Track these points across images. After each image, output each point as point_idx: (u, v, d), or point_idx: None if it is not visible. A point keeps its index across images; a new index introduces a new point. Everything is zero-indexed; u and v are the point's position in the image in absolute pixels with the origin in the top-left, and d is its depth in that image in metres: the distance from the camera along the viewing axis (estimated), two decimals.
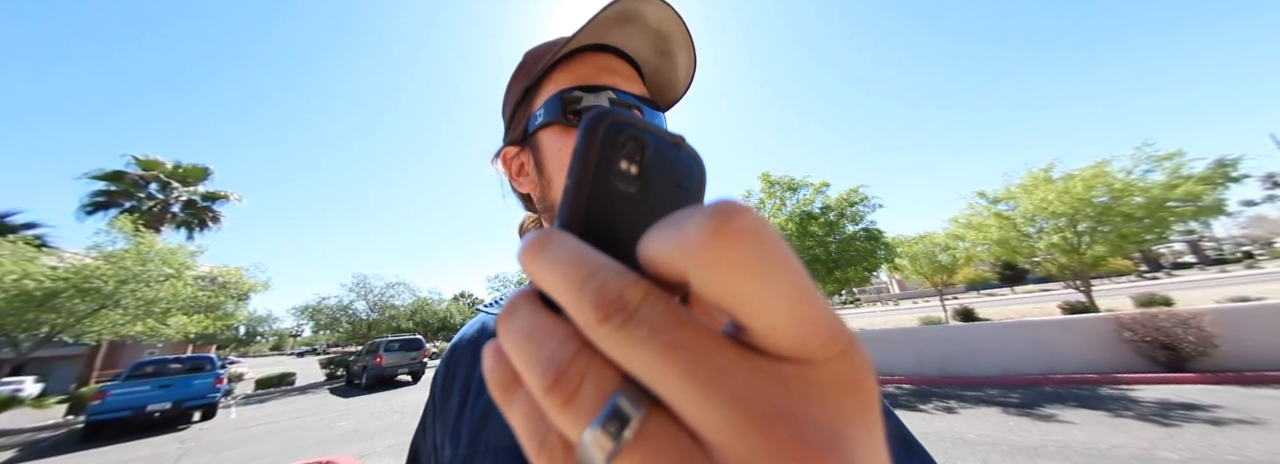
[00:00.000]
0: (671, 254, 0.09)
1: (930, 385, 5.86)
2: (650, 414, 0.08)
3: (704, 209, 0.08)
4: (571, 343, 0.09)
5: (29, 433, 8.87)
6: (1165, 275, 41.60)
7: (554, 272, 0.09)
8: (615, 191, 0.11)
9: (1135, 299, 9.17)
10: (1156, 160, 7.32)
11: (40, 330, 8.59)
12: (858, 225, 8.70)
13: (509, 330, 0.10)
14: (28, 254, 8.18)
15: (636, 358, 0.08)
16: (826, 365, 0.08)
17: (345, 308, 19.08)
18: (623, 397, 0.08)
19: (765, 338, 0.08)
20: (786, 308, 0.08)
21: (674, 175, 0.13)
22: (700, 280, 0.08)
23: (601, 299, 0.08)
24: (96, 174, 15.39)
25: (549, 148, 0.39)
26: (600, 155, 0.11)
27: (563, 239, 0.10)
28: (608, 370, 0.09)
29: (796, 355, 0.08)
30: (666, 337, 0.08)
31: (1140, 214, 7.05)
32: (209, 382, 8.53)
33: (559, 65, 0.40)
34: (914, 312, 23.03)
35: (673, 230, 0.09)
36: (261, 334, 30.51)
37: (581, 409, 0.08)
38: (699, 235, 0.08)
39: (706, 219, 0.08)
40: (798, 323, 0.08)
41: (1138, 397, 4.19)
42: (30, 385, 16.78)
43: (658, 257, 0.09)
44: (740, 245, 0.08)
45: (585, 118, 0.12)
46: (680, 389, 0.08)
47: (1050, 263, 8.89)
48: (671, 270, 0.09)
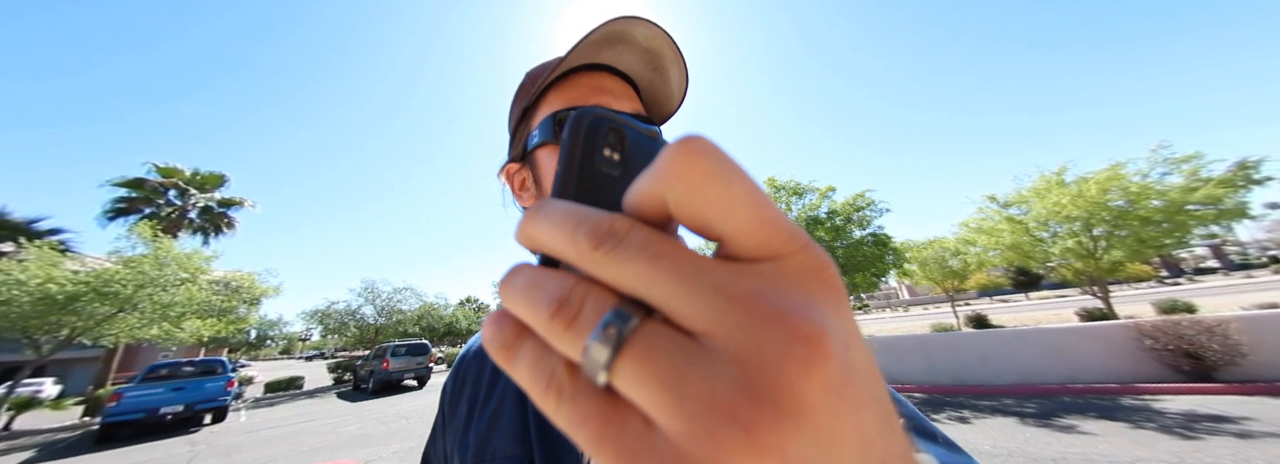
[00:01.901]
0: (650, 184, 0.10)
1: (943, 394, 5.71)
2: (644, 320, 0.09)
3: (673, 140, 0.10)
4: (569, 279, 0.10)
5: (47, 434, 9.07)
6: (1187, 281, 40.29)
7: (550, 222, 0.10)
8: (600, 173, 0.13)
9: (1156, 306, 8.90)
10: (1174, 163, 7.15)
11: (61, 333, 8.82)
12: (865, 230, 8.61)
13: (511, 288, 0.11)
14: (52, 259, 8.44)
15: (628, 272, 0.09)
16: (791, 258, 0.10)
17: (353, 313, 19.29)
18: (618, 310, 0.09)
19: (735, 239, 0.10)
20: (748, 209, 0.09)
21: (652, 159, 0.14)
22: (675, 198, 0.10)
23: (595, 230, 0.10)
24: (118, 181, 15.89)
25: (545, 166, 0.41)
26: (585, 143, 0.13)
27: (557, 201, 0.11)
28: (604, 293, 0.10)
29: (762, 253, 0.10)
30: (652, 250, 0.09)
31: (1158, 218, 6.87)
32: (220, 385, 8.67)
33: (554, 86, 0.41)
34: (925, 318, 22.55)
35: (650, 166, 0.10)
36: (272, 338, 30.91)
37: (583, 327, 0.09)
38: (668, 158, 0.10)
39: (674, 145, 0.10)
40: (759, 223, 0.09)
41: (1161, 407, 4.04)
42: (50, 387, 17.17)
43: (638, 192, 0.10)
44: (702, 160, 0.09)
45: (571, 115, 0.14)
46: (668, 288, 0.09)
47: (1066, 268, 8.68)
48: (652, 201, 0.10)
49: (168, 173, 16.96)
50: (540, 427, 0.36)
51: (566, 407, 0.09)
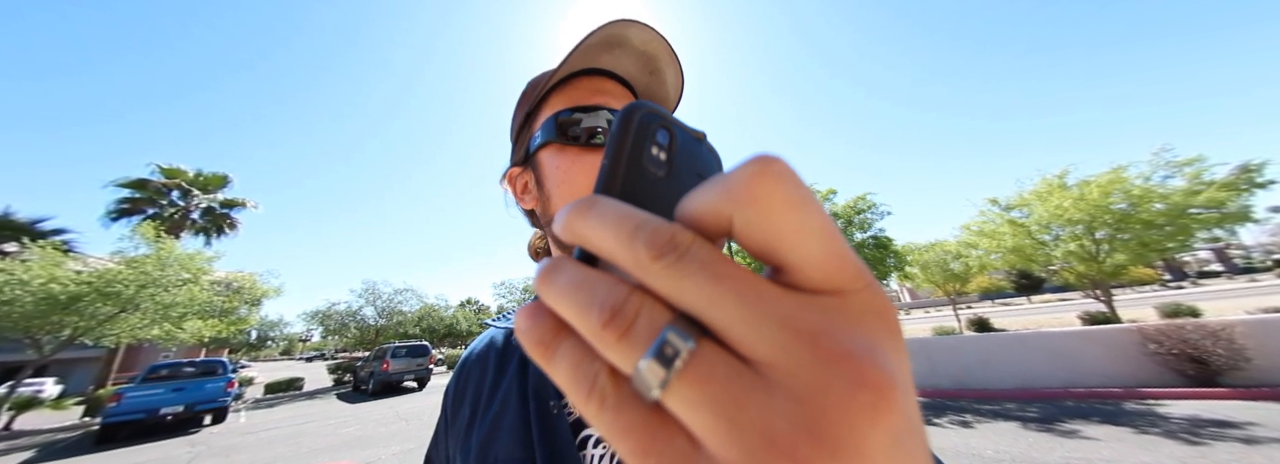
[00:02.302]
0: (717, 200, 0.10)
1: (945, 398, 5.68)
2: (700, 342, 0.09)
3: (747, 159, 0.10)
4: (623, 286, 0.10)
5: (47, 434, 9.07)
6: (1191, 284, 40.08)
7: (604, 223, 0.10)
8: (646, 173, 0.12)
9: (1160, 309, 8.83)
10: (1176, 166, 7.14)
11: (63, 333, 8.85)
12: (866, 233, 8.61)
13: (555, 284, 0.10)
14: (55, 259, 8.48)
15: (689, 289, 0.09)
16: (855, 295, 0.09)
17: (354, 314, 19.31)
18: (673, 329, 0.09)
19: (801, 269, 0.09)
20: (820, 241, 0.09)
21: (696, 166, 0.14)
22: (745, 219, 0.09)
23: (655, 240, 0.09)
24: (122, 182, 15.98)
25: (547, 166, 0.41)
26: (635, 139, 0.12)
27: (608, 200, 0.11)
28: (659, 307, 0.09)
29: (829, 287, 0.09)
30: (716, 269, 0.09)
31: (1161, 221, 6.85)
32: (221, 386, 8.67)
33: (556, 90, 0.43)
34: (926, 321, 22.47)
35: (717, 182, 0.10)
36: (272, 339, 30.94)
37: (636, 341, 0.09)
38: (744, 178, 0.09)
39: (750, 165, 0.09)
40: (830, 255, 0.09)
41: (1165, 412, 4.01)
42: (51, 387, 17.21)
43: (701, 206, 0.10)
44: (781, 184, 0.09)
45: (623, 108, 0.13)
46: (730, 313, 0.09)
47: (1068, 271, 8.65)
48: (715, 218, 0.10)
49: (171, 173, 17.04)
50: (542, 430, 0.35)
51: (609, 415, 0.09)
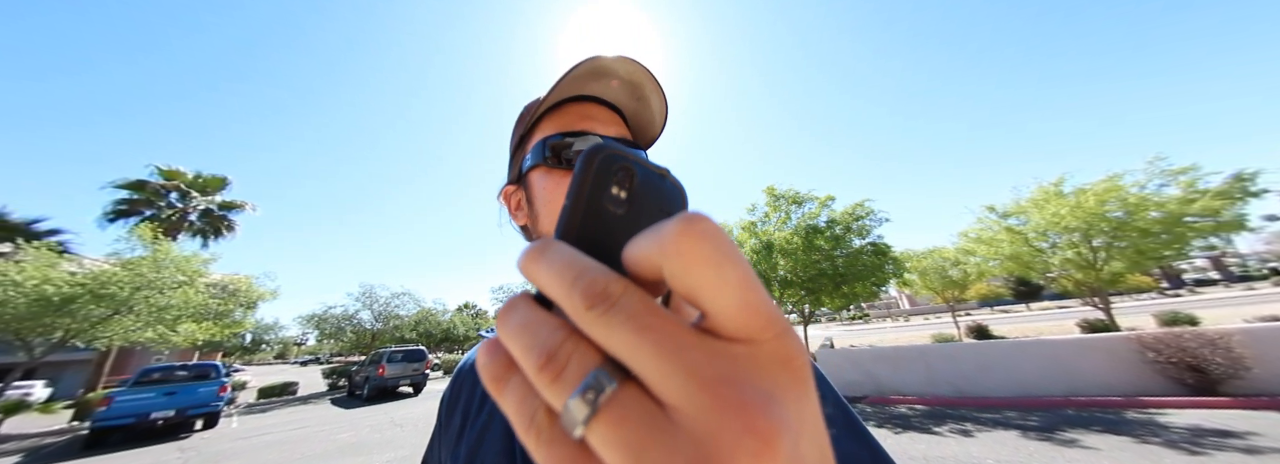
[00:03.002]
0: (649, 251, 0.11)
1: (944, 406, 5.64)
2: (622, 385, 0.10)
3: (679, 215, 0.11)
4: (561, 331, 0.11)
5: (34, 438, 8.90)
6: (1188, 292, 40.13)
7: (551, 270, 0.11)
8: (606, 211, 0.13)
9: (1158, 317, 8.85)
10: (1170, 174, 7.20)
11: (54, 335, 8.74)
12: (864, 239, 8.62)
13: (507, 324, 0.11)
14: (49, 260, 8.42)
15: (615, 337, 0.10)
16: (765, 344, 0.10)
17: (350, 317, 19.15)
18: (600, 371, 0.10)
19: (717, 319, 0.10)
20: (736, 294, 0.10)
21: (659, 201, 0.15)
22: (670, 270, 0.10)
23: (590, 290, 0.10)
24: (120, 183, 15.92)
25: (537, 186, 0.44)
26: (595, 180, 0.13)
27: (559, 245, 0.12)
28: (590, 352, 0.10)
29: (742, 335, 0.10)
30: (641, 321, 0.10)
31: (1157, 229, 6.89)
32: (213, 390, 8.56)
33: (547, 115, 0.46)
34: (925, 328, 22.41)
35: (652, 234, 0.11)
36: (267, 342, 30.62)
37: (567, 383, 0.10)
38: (671, 234, 0.10)
39: (677, 222, 0.11)
40: (743, 307, 0.10)
41: (1166, 422, 3.99)
42: (39, 390, 16.94)
43: (638, 255, 0.11)
44: (701, 242, 0.10)
45: (585, 149, 0.14)
46: (648, 361, 0.10)
47: (1066, 279, 8.67)
48: (649, 266, 0.11)
49: (170, 175, 17.01)
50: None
51: (543, 449, 0.10)
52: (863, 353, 7.10)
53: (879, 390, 6.61)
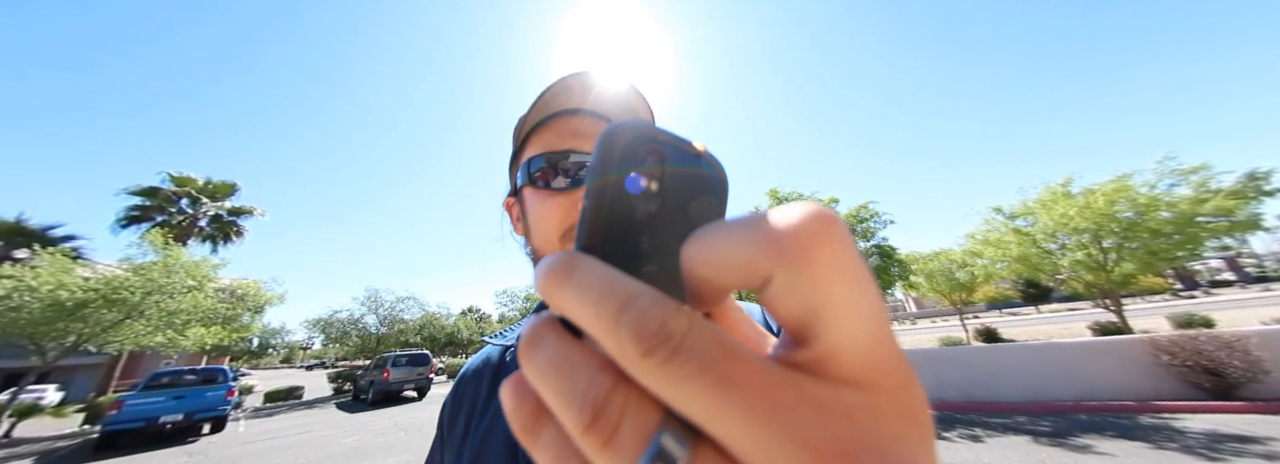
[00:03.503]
0: (756, 252, 0.08)
1: (954, 411, 5.56)
2: (697, 452, 0.07)
3: (802, 210, 0.08)
4: (606, 375, 0.08)
5: (47, 442, 9.02)
6: (1203, 294, 39.27)
7: (584, 300, 0.08)
8: (635, 212, 0.11)
9: (1172, 319, 8.67)
10: (1181, 174, 7.09)
11: (67, 339, 8.88)
12: (869, 242, 8.56)
13: (535, 362, 0.09)
14: (63, 266, 8.58)
15: (686, 395, 0.07)
16: (890, 394, 0.08)
17: (356, 322, 19.26)
18: (666, 435, 0.08)
19: (837, 353, 0.08)
20: (869, 325, 0.08)
21: (696, 188, 0.12)
22: (789, 282, 0.08)
23: (642, 330, 0.08)
24: (133, 190, 16.24)
25: (529, 204, 0.45)
26: (618, 170, 0.11)
27: (589, 264, 0.09)
28: (647, 405, 0.08)
29: (862, 379, 0.08)
30: (718, 371, 0.07)
31: (1169, 229, 6.77)
32: (221, 394, 8.62)
33: (536, 130, 0.46)
34: (933, 331, 22.11)
35: (756, 229, 0.08)
36: (273, 347, 30.82)
37: (623, 449, 0.08)
38: (803, 235, 0.08)
39: (809, 219, 0.08)
40: (875, 340, 0.08)
41: (1182, 426, 3.90)
42: (52, 393, 17.16)
43: (728, 254, 0.08)
44: (845, 251, 0.08)
45: (602, 133, 0.11)
46: (739, 428, 0.07)
47: (1076, 281, 8.53)
48: (746, 272, 0.08)
49: (181, 182, 17.32)
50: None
51: None
52: None
53: None
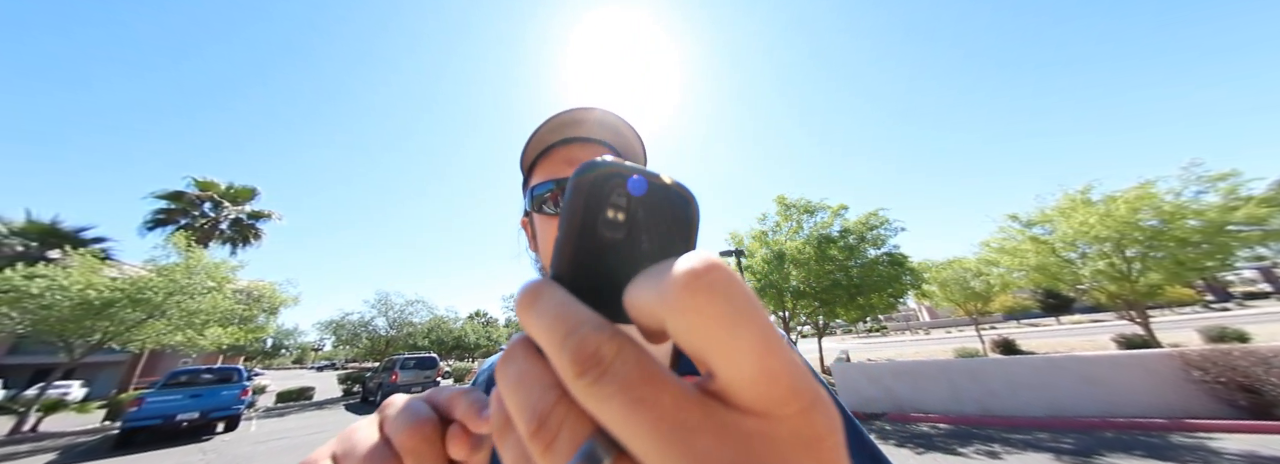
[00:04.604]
0: (651, 303, 0.09)
1: (970, 425, 5.37)
2: (617, 463, 0.09)
3: (681, 262, 0.09)
4: (553, 392, 0.10)
5: (70, 437, 9.29)
6: (1236, 306, 37.41)
7: (541, 324, 0.10)
8: (602, 240, 0.12)
9: (1203, 333, 8.30)
10: (1209, 181, 6.83)
11: (93, 337, 9.20)
12: (880, 249, 8.41)
13: (505, 376, 0.11)
14: (92, 266, 8.94)
15: (607, 411, 0.09)
16: (787, 421, 0.09)
17: (366, 324, 19.53)
18: (595, 444, 0.09)
19: (730, 387, 0.09)
20: (752, 360, 0.08)
21: (666, 215, 0.13)
22: (675, 328, 0.09)
23: (579, 354, 0.09)
24: (160, 193, 16.90)
25: (536, 227, 0.49)
26: (586, 207, 0.12)
27: (551, 292, 0.11)
28: (583, 420, 0.09)
29: (758, 408, 0.09)
30: (635, 393, 0.08)
31: (1197, 238, 6.52)
32: (235, 393, 8.79)
33: (542, 157, 0.50)
34: (947, 342, 21.49)
35: (653, 281, 0.10)
36: (286, 347, 31.41)
37: (558, 455, 0.09)
38: (674, 287, 0.09)
39: (682, 272, 0.09)
40: (761, 375, 0.08)
41: (1218, 447, 3.70)
42: (77, 390, 17.72)
43: (639, 305, 0.10)
44: (712, 298, 0.08)
45: (574, 172, 0.12)
46: (644, 443, 0.08)
47: (1099, 291, 8.23)
48: (651, 319, 0.10)
49: (205, 186, 17.96)
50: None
51: None
52: (881, 367, 6.84)
53: (898, 407, 6.34)
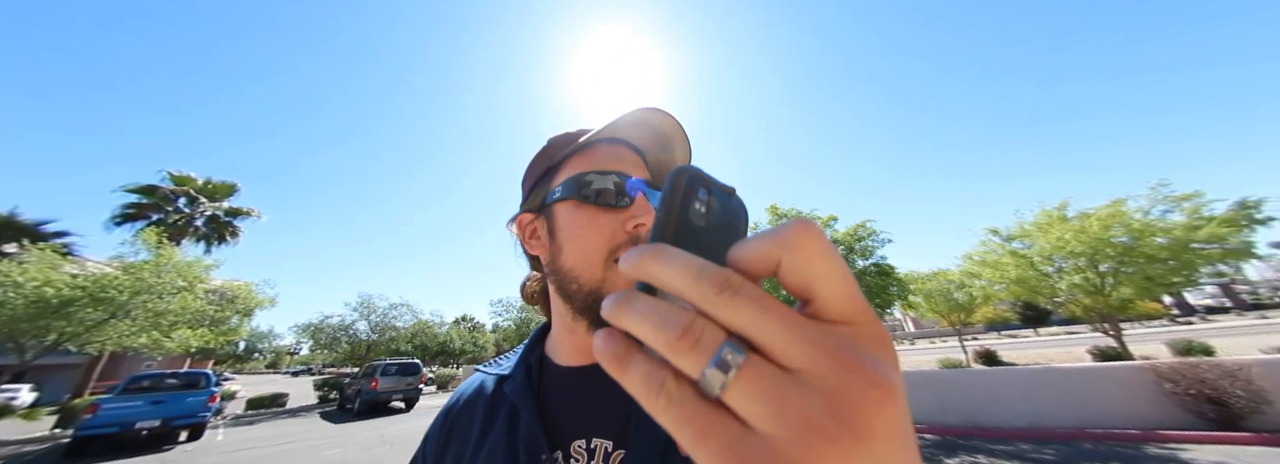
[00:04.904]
0: (770, 246, 0.13)
1: (955, 436, 5.43)
2: (750, 354, 0.12)
3: (793, 220, 0.13)
4: (689, 311, 0.13)
5: (14, 446, 8.64)
6: (1200, 320, 39.20)
7: (673, 265, 0.13)
8: (691, 224, 0.16)
9: (1171, 346, 8.61)
10: (1174, 200, 7.19)
11: (48, 338, 8.64)
12: (868, 260, 8.56)
13: (631, 308, 0.13)
14: (51, 262, 8.44)
15: (742, 316, 0.12)
16: (862, 326, 0.13)
17: (346, 328, 18.87)
18: (729, 343, 0.12)
19: (826, 304, 0.13)
20: (842, 284, 0.13)
21: (728, 217, 0.18)
22: (790, 261, 0.13)
23: (716, 279, 0.12)
24: (131, 187, 16.16)
25: (562, 218, 0.45)
26: (683, 197, 0.16)
27: (671, 247, 0.14)
28: (716, 328, 0.12)
29: (844, 319, 0.13)
30: (763, 302, 0.12)
31: (1164, 255, 6.82)
32: (202, 400, 8.33)
33: (577, 153, 0.47)
34: (931, 352, 21.89)
35: (769, 233, 0.13)
36: (260, 351, 30.13)
37: (703, 351, 0.12)
38: (793, 231, 0.13)
39: (796, 224, 0.13)
40: (848, 295, 0.13)
41: (1189, 457, 3.82)
42: (25, 394, 16.54)
43: (756, 250, 0.13)
44: (819, 239, 0.13)
45: (672, 171, 0.17)
46: (774, 334, 0.12)
47: (1074, 304, 8.51)
48: (764, 260, 0.13)
49: (181, 181, 17.28)
50: None
51: (674, 410, 0.12)
52: None
53: None
